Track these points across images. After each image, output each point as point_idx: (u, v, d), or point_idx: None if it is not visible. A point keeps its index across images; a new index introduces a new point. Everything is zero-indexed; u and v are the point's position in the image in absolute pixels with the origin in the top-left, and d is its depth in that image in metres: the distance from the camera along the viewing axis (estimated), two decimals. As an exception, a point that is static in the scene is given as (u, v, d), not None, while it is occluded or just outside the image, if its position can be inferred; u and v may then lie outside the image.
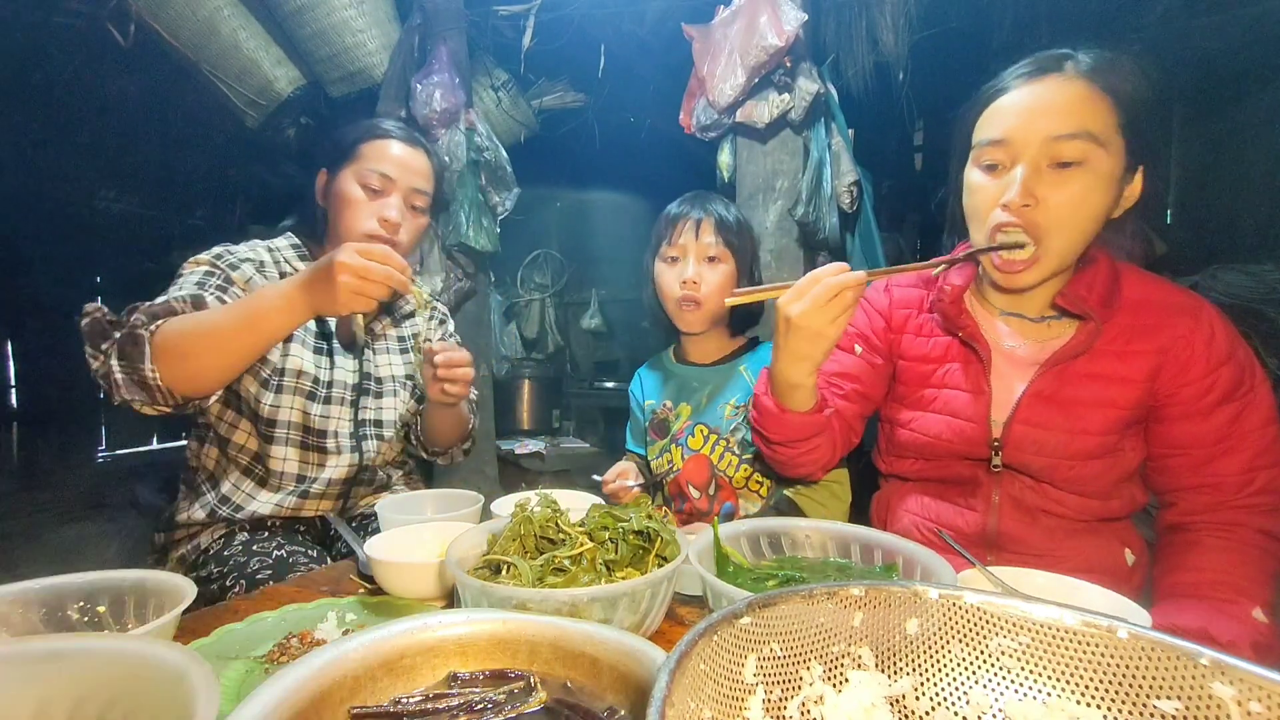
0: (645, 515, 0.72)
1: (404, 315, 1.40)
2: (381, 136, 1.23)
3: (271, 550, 1.09)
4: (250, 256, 1.19)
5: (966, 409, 0.99)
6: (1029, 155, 0.85)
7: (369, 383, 1.29)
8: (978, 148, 0.90)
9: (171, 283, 1.10)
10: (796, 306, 0.85)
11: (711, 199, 1.37)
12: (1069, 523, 0.96)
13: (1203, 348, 0.88)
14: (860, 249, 2.15)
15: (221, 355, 0.99)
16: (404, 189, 1.23)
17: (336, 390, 1.23)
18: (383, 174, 1.20)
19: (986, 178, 0.90)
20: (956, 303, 1.00)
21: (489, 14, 2.57)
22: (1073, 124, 0.83)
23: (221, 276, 1.12)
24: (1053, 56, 0.88)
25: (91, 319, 0.98)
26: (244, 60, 2.38)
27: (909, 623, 0.43)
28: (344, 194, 1.20)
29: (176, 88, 2.86)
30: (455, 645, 0.49)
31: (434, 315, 1.46)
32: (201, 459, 1.23)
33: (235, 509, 1.18)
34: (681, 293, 1.32)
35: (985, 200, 0.90)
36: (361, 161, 1.21)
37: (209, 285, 1.10)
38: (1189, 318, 0.90)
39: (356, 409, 1.27)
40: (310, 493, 1.22)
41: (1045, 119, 0.84)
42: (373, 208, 1.20)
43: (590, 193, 4.50)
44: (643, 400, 1.51)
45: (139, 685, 0.41)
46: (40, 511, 4.01)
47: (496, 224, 2.50)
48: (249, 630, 0.72)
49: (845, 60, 2.10)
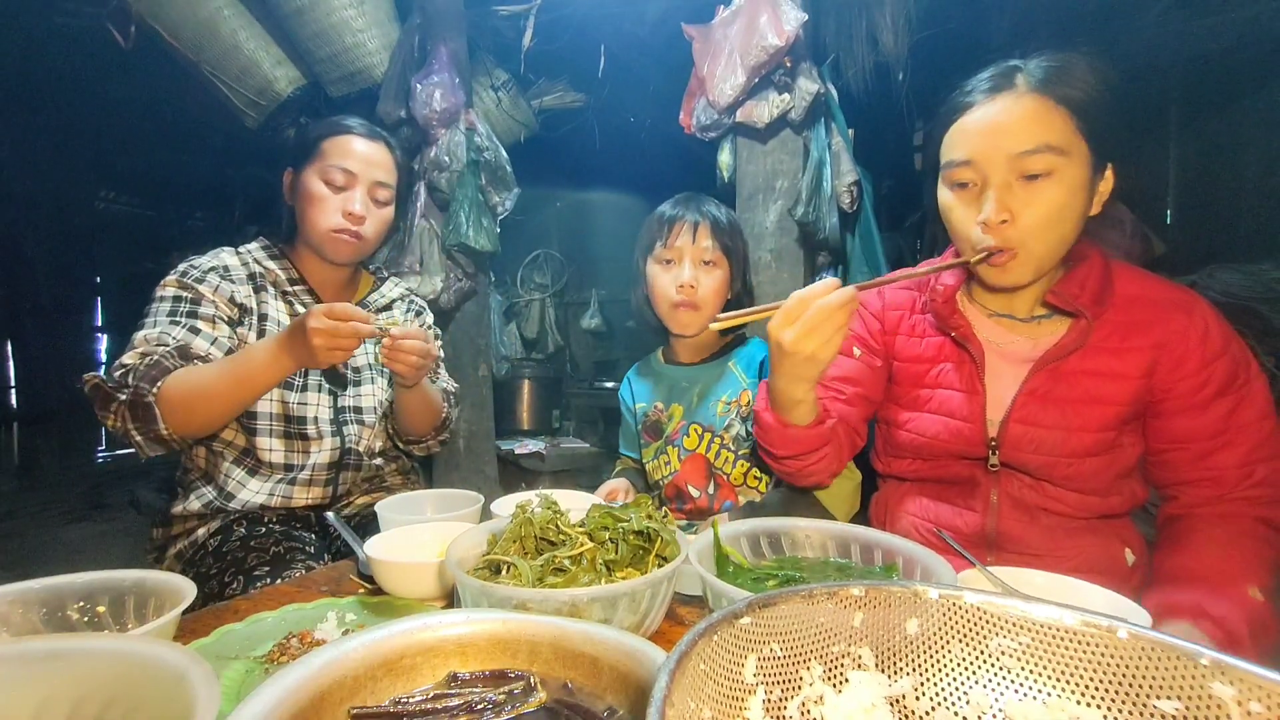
0: (645, 515, 0.72)
1: (380, 308, 1.41)
2: (342, 133, 1.25)
3: (269, 546, 1.11)
4: (214, 265, 1.23)
5: (962, 409, 0.99)
6: (997, 174, 0.86)
7: (346, 371, 1.33)
8: (947, 168, 0.91)
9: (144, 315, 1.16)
10: (788, 333, 0.85)
11: (705, 201, 1.37)
12: (1069, 521, 0.96)
13: (1198, 342, 0.89)
14: (860, 249, 2.15)
15: (221, 409, 1.12)
16: (366, 182, 1.25)
17: (312, 377, 1.27)
18: (345, 169, 1.23)
19: (958, 197, 0.91)
20: (949, 303, 1.00)
21: (489, 14, 2.57)
22: (1032, 140, 0.84)
23: (190, 297, 1.17)
24: (1005, 71, 0.89)
25: (91, 387, 1.08)
26: (244, 60, 2.37)
27: (909, 623, 0.43)
28: (309, 191, 1.23)
29: (176, 88, 2.87)
30: (455, 645, 0.49)
31: (411, 307, 1.48)
32: (193, 458, 1.26)
33: (227, 498, 1.21)
34: (678, 297, 1.32)
35: (961, 218, 0.91)
36: (324, 158, 1.23)
37: (180, 315, 1.15)
38: (1183, 313, 0.90)
39: (335, 396, 1.30)
40: (298, 480, 1.25)
41: (1005, 138, 0.85)
42: (336, 202, 1.23)
43: (590, 193, 4.50)
44: (633, 404, 1.51)
45: (139, 685, 0.41)
46: (40, 511, 4.01)
47: (496, 224, 2.49)
48: (249, 630, 0.72)
49: (845, 60, 2.10)
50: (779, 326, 0.85)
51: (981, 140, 0.87)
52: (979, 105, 0.88)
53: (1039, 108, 0.85)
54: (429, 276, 2.44)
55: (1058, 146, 0.84)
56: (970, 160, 0.88)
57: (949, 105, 0.92)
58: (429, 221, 2.47)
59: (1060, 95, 0.85)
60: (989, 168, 0.87)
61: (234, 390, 1.10)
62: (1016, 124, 0.85)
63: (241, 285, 1.23)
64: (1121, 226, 3.10)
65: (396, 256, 2.47)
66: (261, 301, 1.25)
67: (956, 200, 0.91)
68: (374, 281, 1.42)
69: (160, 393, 1.05)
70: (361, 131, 1.27)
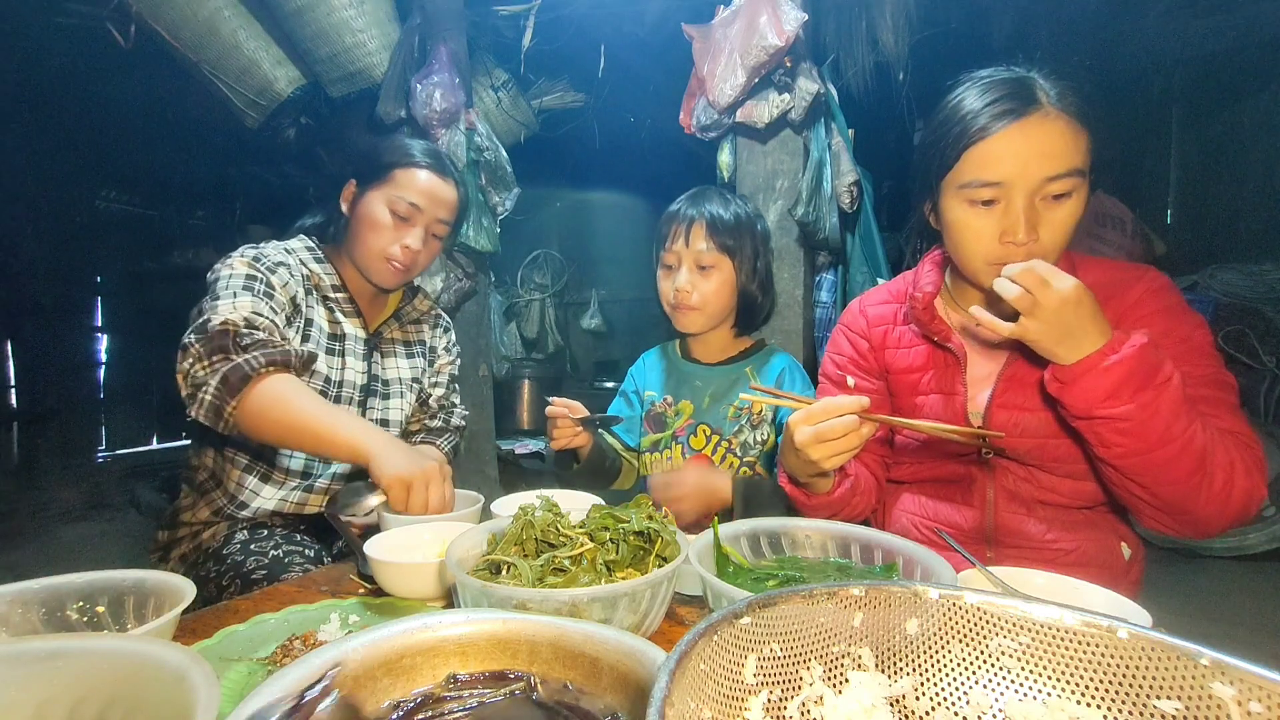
0: (645, 516, 0.72)
1: (410, 320, 1.41)
2: (417, 166, 1.25)
3: (269, 550, 1.11)
4: (283, 260, 1.20)
5: (948, 409, 1.02)
6: (1024, 196, 0.86)
7: (376, 384, 1.32)
8: (969, 187, 0.90)
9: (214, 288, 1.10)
10: (803, 432, 0.86)
11: (709, 198, 1.34)
12: (1065, 512, 0.98)
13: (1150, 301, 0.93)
14: (860, 249, 2.15)
15: (288, 440, 1.05)
16: (429, 219, 1.25)
17: (346, 390, 1.26)
18: (412, 203, 1.23)
19: (978, 214, 0.91)
20: (928, 309, 1.03)
21: (489, 14, 2.57)
22: (1065, 164, 0.85)
23: (264, 283, 1.13)
24: (1023, 87, 0.88)
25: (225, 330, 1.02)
26: (244, 60, 2.37)
27: (909, 623, 0.43)
28: (372, 215, 1.23)
29: (177, 88, 2.87)
30: (455, 645, 0.49)
31: (439, 323, 1.48)
32: (202, 459, 1.25)
33: (240, 506, 1.20)
34: (674, 300, 1.32)
35: (978, 235, 0.91)
36: (393, 186, 1.23)
37: (257, 292, 1.10)
38: (1135, 282, 0.96)
39: (364, 409, 1.29)
40: (315, 487, 1.24)
41: (1039, 162, 0.85)
42: (396, 234, 1.23)
43: (590, 193, 4.50)
44: (642, 389, 1.49)
45: (139, 685, 0.41)
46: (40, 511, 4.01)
47: (496, 224, 2.49)
48: (252, 632, 0.72)
49: (845, 60, 2.09)
50: (797, 421, 0.88)
51: (1014, 164, 0.86)
52: (1007, 130, 0.86)
53: (1067, 129, 0.86)
54: (429, 276, 2.44)
55: (1082, 169, 0.87)
56: (1000, 182, 0.87)
57: (961, 124, 0.90)
58: (429, 221, 2.47)
59: (1082, 115, 0.87)
60: (1018, 190, 0.87)
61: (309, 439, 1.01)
62: (1050, 149, 0.85)
63: (299, 286, 1.21)
64: (1122, 226, 3.10)
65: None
66: (309, 305, 1.22)
67: (974, 217, 0.91)
68: (404, 293, 1.42)
69: (263, 381, 1.00)
70: (434, 167, 1.26)
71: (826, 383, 1.19)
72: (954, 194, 0.92)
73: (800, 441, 0.87)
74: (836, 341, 1.19)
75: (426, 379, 1.43)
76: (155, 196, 4.91)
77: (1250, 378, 2.89)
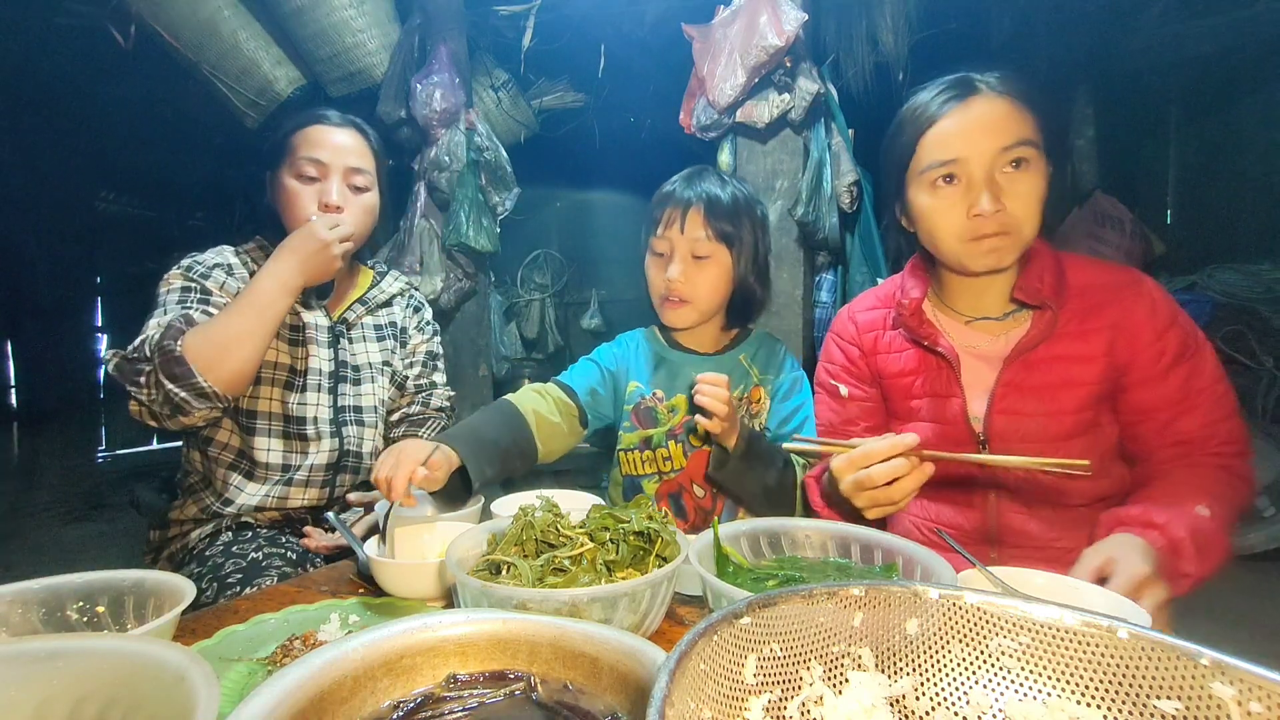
0: (645, 516, 0.72)
1: (380, 304, 1.40)
2: (310, 124, 1.23)
3: (249, 552, 1.10)
4: (219, 261, 1.22)
5: (945, 413, 1.02)
6: (983, 168, 0.92)
7: (345, 370, 1.31)
8: (928, 170, 0.95)
9: (153, 306, 1.14)
10: (847, 480, 0.87)
11: (706, 178, 1.26)
12: (1065, 510, 0.99)
13: (1147, 316, 0.95)
14: (860, 249, 2.15)
15: (251, 345, 1.08)
16: (340, 170, 1.22)
17: (312, 378, 1.25)
18: (315, 159, 1.20)
19: (942, 195, 0.95)
20: (916, 314, 1.04)
21: (489, 14, 2.57)
22: (1012, 135, 0.91)
23: (198, 290, 1.16)
24: (963, 81, 0.95)
25: (117, 361, 1.05)
26: (244, 61, 2.37)
27: (909, 623, 0.43)
28: (284, 188, 1.22)
29: (177, 89, 2.86)
30: (455, 645, 0.49)
31: (410, 302, 1.46)
32: (192, 462, 1.26)
33: (225, 503, 1.20)
34: (666, 291, 1.24)
35: (946, 213, 0.95)
36: (295, 153, 1.21)
37: (190, 303, 1.14)
38: (1131, 291, 0.97)
39: (335, 396, 1.29)
40: (295, 480, 1.24)
41: (990, 135, 0.92)
42: (311, 194, 1.21)
43: (590, 193, 4.50)
44: (625, 377, 1.37)
45: (139, 685, 0.41)
46: (40, 511, 4.01)
47: (496, 224, 2.49)
48: (252, 632, 0.72)
49: (845, 60, 2.10)
50: (841, 469, 0.88)
51: (966, 139, 0.92)
52: (954, 111, 0.94)
53: (1010, 107, 0.93)
54: (429, 276, 2.44)
55: (1031, 139, 0.92)
56: (957, 159, 0.93)
57: (913, 119, 0.98)
58: (429, 221, 2.47)
59: (1023, 97, 0.94)
60: (975, 163, 0.92)
61: (256, 321, 1.08)
62: (998, 121, 0.92)
63: (244, 283, 1.21)
64: (1121, 226, 3.10)
65: (396, 256, 2.47)
66: None
67: (939, 199, 0.96)
68: (374, 276, 1.41)
69: (185, 344, 1.02)
70: (329, 120, 1.24)
71: (821, 392, 1.19)
72: (917, 182, 0.97)
73: (845, 490, 0.87)
74: (828, 350, 1.19)
75: (399, 360, 1.40)
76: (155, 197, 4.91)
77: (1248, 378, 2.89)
